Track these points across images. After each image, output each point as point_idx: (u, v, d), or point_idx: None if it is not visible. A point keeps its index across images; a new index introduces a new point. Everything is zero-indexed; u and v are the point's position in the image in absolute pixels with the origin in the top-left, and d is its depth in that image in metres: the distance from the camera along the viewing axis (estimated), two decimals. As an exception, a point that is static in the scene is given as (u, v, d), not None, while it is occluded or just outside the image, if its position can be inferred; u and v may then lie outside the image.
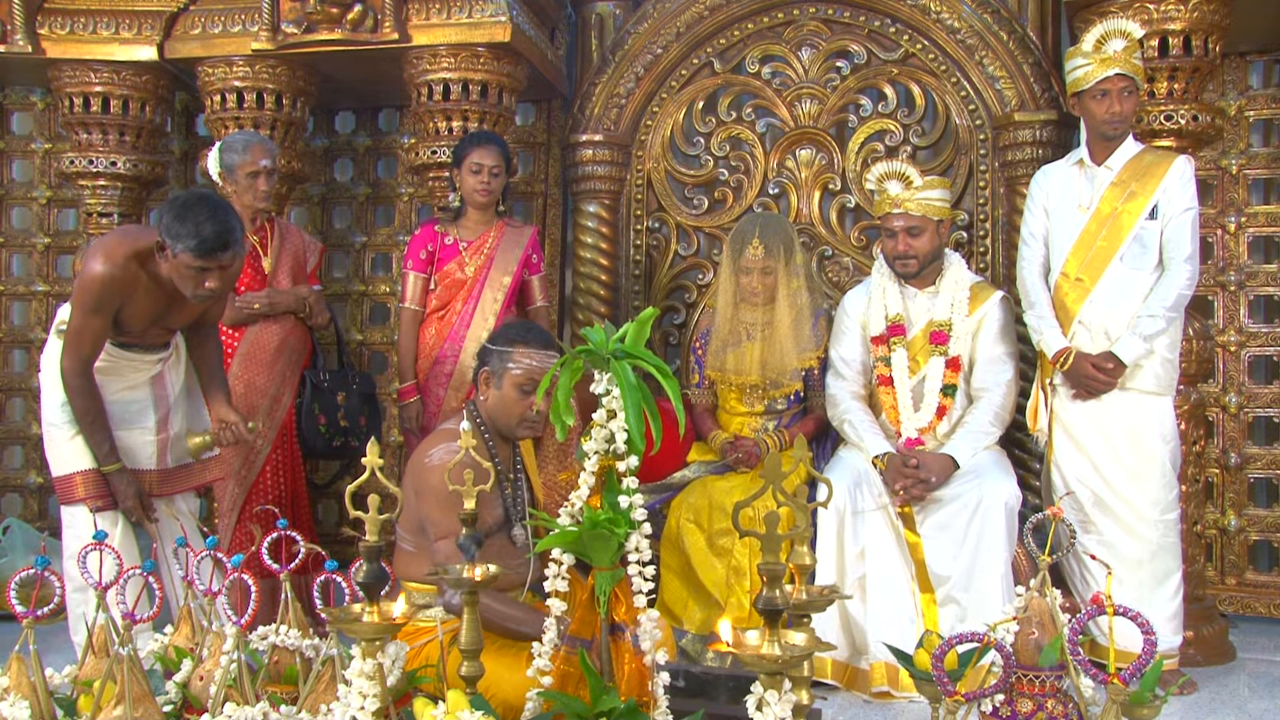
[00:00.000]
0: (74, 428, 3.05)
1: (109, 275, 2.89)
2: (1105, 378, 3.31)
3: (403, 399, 3.91)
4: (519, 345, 2.76)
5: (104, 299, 2.91)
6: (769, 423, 3.77)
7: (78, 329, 2.95)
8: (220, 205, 2.86)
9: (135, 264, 2.92)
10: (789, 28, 4.47)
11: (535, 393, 2.61)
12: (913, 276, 3.59)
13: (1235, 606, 4.12)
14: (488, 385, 2.78)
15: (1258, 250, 4.30)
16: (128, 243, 2.94)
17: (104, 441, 3.03)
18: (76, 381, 2.98)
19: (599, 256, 4.54)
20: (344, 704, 1.88)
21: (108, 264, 2.88)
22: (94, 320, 2.93)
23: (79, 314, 2.94)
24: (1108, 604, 1.83)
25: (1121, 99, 3.34)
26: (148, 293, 2.98)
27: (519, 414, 2.74)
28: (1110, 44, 3.34)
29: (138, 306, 2.99)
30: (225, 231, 2.80)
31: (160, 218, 2.86)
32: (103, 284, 2.89)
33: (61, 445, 3.08)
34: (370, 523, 1.93)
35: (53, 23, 4.30)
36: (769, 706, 1.68)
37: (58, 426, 3.08)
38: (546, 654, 2.06)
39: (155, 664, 2.28)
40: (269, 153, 3.80)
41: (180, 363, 3.27)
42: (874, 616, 3.30)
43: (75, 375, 2.97)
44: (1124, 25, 3.36)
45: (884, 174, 3.58)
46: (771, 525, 1.74)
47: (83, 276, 2.92)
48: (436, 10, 4.05)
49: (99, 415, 3.03)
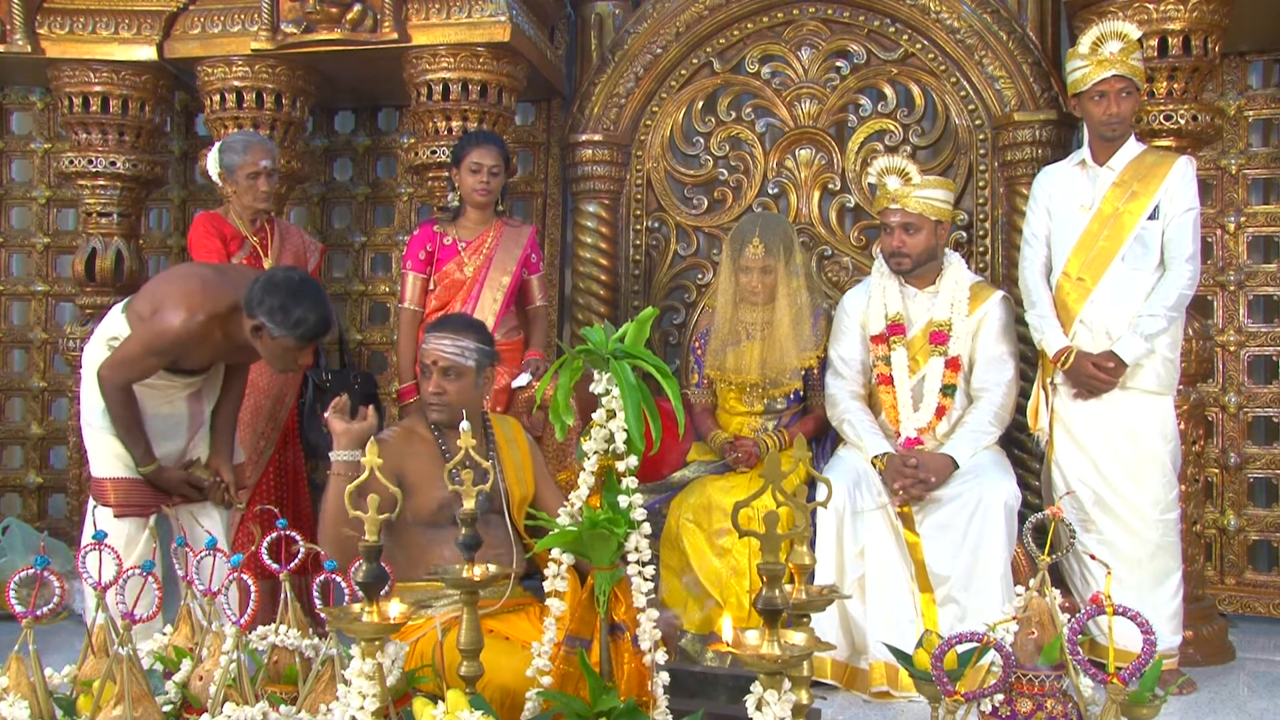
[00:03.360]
0: (110, 433, 3.07)
1: (185, 330, 2.90)
2: (1106, 377, 3.31)
3: (402, 399, 3.91)
4: (430, 332, 2.90)
5: (172, 348, 2.94)
6: (768, 422, 3.77)
7: (132, 359, 2.95)
8: (319, 290, 2.94)
9: (213, 323, 2.94)
10: (789, 28, 4.47)
11: (434, 373, 2.81)
12: (907, 274, 3.59)
13: (1235, 606, 4.12)
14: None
15: (1257, 250, 4.30)
16: (210, 301, 2.93)
17: (139, 443, 3.04)
18: (117, 394, 2.98)
19: (598, 256, 4.54)
20: (343, 704, 1.88)
21: (189, 319, 2.89)
22: (152, 360, 2.96)
23: (139, 349, 2.94)
24: (1107, 604, 1.83)
25: (1119, 100, 3.33)
26: (216, 346, 3.01)
27: (425, 393, 2.88)
28: (1106, 46, 3.34)
29: (202, 354, 3.03)
30: (327, 318, 2.91)
31: (259, 297, 2.86)
32: (176, 336, 2.91)
33: (97, 447, 3.11)
34: (370, 523, 1.93)
35: (52, 22, 4.30)
36: (769, 706, 1.68)
37: (94, 429, 3.11)
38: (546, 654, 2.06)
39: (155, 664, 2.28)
40: (269, 153, 3.80)
41: (218, 382, 3.27)
42: (873, 616, 3.30)
43: (116, 389, 2.98)
44: (1120, 27, 3.36)
45: (884, 169, 3.58)
46: (771, 525, 1.74)
47: (159, 322, 2.90)
48: (436, 10, 4.05)
49: (135, 421, 3.03)
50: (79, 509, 4.38)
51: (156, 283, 3.11)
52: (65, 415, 4.78)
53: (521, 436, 3.02)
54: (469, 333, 2.88)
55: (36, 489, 4.97)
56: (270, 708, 2.05)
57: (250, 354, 3.08)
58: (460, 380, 2.82)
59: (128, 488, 3.08)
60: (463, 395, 2.83)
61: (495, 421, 3.00)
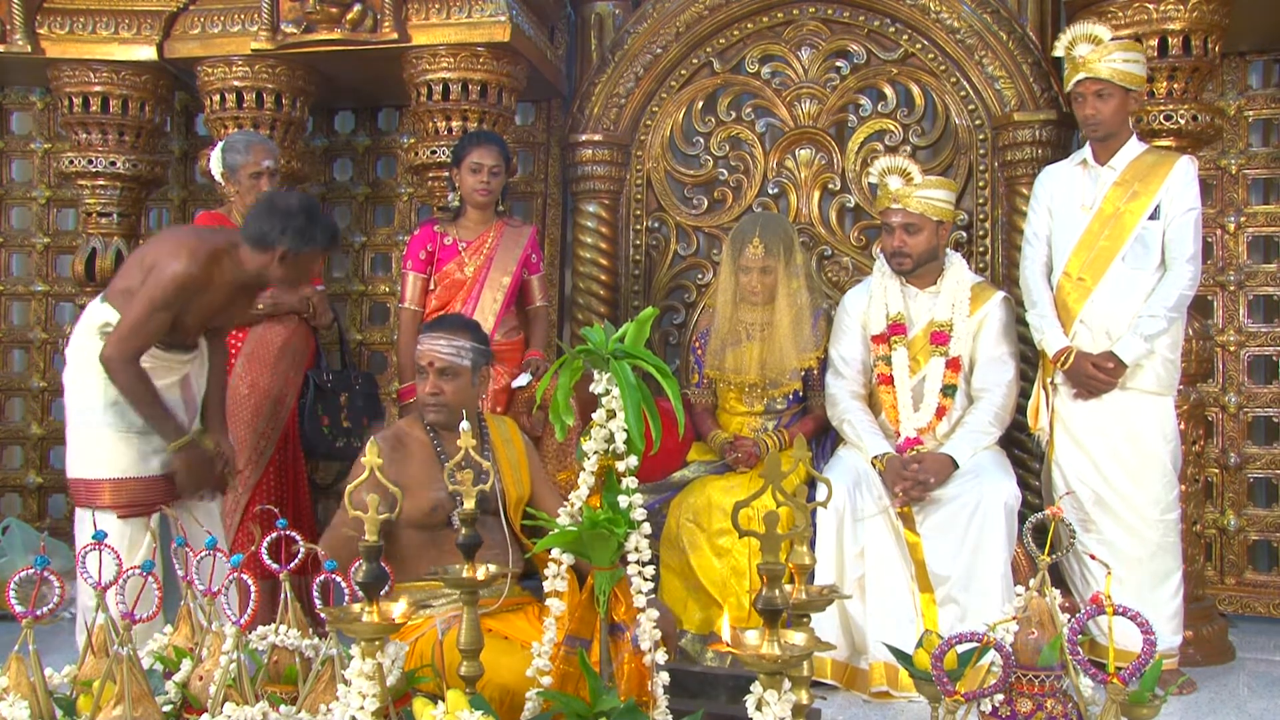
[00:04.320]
0: (114, 430, 3.03)
1: (190, 274, 2.94)
2: (1105, 377, 3.31)
3: (402, 399, 3.91)
4: (424, 333, 2.91)
5: (179, 297, 2.96)
6: (768, 422, 3.77)
7: (140, 322, 2.96)
8: (313, 199, 3.21)
9: (213, 264, 2.99)
10: (789, 28, 4.47)
11: (430, 374, 2.82)
12: (907, 274, 3.59)
13: (1235, 606, 4.12)
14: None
15: (1257, 250, 4.30)
16: (206, 244, 3.01)
17: (166, 419, 3.05)
18: (129, 370, 2.97)
19: (599, 256, 4.54)
20: (343, 704, 1.88)
21: (191, 263, 2.94)
22: (161, 316, 2.97)
23: (146, 309, 2.95)
24: (1107, 604, 1.83)
25: (1095, 102, 3.32)
26: (214, 294, 3.04)
27: (421, 395, 2.88)
28: (1077, 49, 3.34)
29: (202, 305, 3.05)
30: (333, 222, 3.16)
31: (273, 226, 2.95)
32: (182, 283, 2.94)
33: (95, 446, 3.06)
34: (370, 523, 1.93)
35: (52, 22, 4.30)
36: (769, 706, 1.68)
37: (93, 426, 3.05)
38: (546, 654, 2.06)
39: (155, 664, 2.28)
40: (271, 153, 3.80)
41: (204, 367, 3.27)
42: (873, 616, 3.30)
43: (126, 363, 2.97)
44: (1090, 29, 3.35)
45: (886, 168, 3.58)
46: (771, 525, 1.74)
47: (160, 273, 2.94)
48: (436, 10, 4.05)
49: (154, 395, 3.02)
50: (79, 509, 4.38)
51: (136, 257, 3.13)
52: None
53: (518, 437, 3.01)
54: (463, 332, 2.88)
55: (36, 489, 4.97)
56: (270, 708, 2.05)
57: (247, 298, 3.18)
58: (457, 380, 2.83)
59: (132, 487, 3.04)
60: (460, 395, 2.84)
61: (491, 422, 3.00)
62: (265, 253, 2.97)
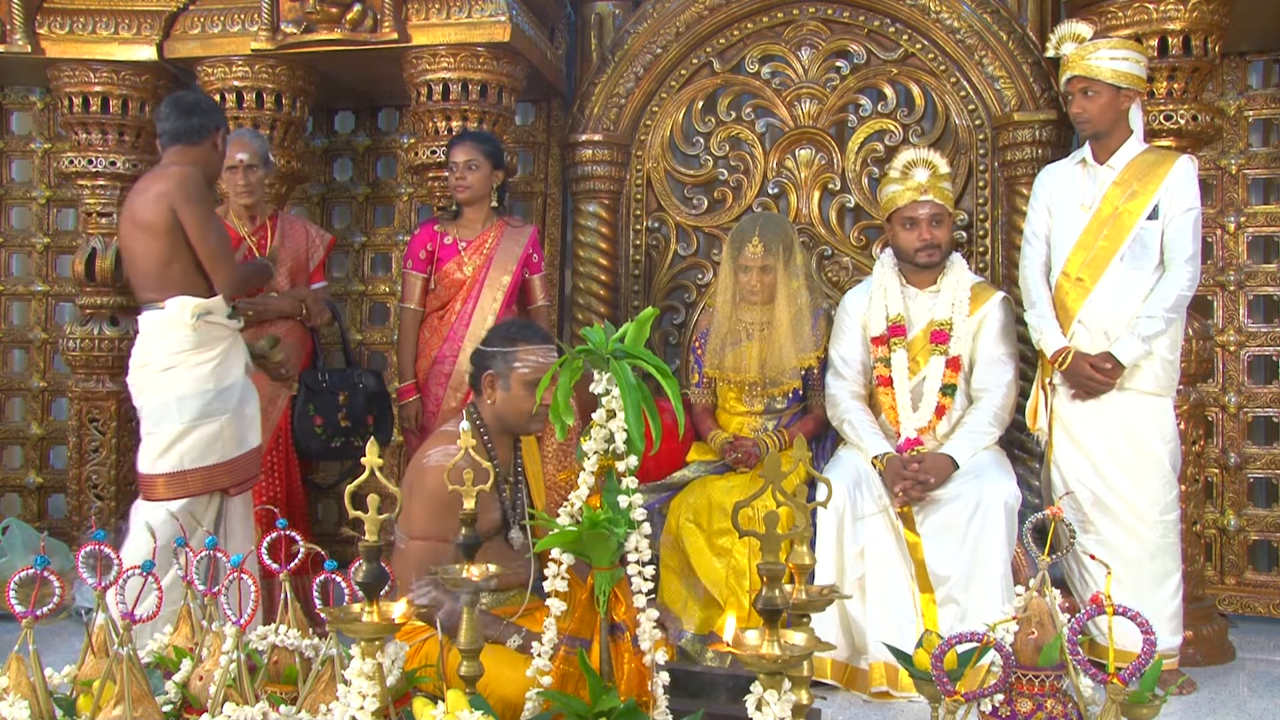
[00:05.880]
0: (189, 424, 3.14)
1: (192, 176, 3.18)
2: (1103, 378, 3.30)
3: (402, 399, 3.92)
4: (520, 344, 2.77)
5: (208, 195, 3.26)
6: (768, 422, 3.77)
7: (213, 232, 3.19)
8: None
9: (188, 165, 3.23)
10: (789, 28, 4.47)
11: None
12: (936, 266, 3.58)
13: (1235, 606, 4.12)
14: (493, 388, 2.76)
15: (1257, 250, 4.30)
16: (161, 168, 3.25)
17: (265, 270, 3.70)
18: (240, 269, 3.35)
19: (599, 256, 4.54)
20: (343, 704, 1.88)
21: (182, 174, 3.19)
22: (217, 222, 3.27)
23: (205, 218, 3.17)
24: (1107, 604, 1.83)
25: (1082, 100, 3.33)
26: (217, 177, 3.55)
27: (528, 411, 2.74)
28: (1064, 47, 3.35)
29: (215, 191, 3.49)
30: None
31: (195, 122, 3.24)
32: (197, 182, 3.19)
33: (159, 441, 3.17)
34: (369, 523, 1.93)
35: (52, 22, 4.30)
36: (769, 706, 1.68)
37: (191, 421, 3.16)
38: (547, 654, 2.06)
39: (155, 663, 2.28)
40: (246, 147, 3.81)
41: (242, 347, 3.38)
42: (873, 616, 3.30)
43: (235, 266, 3.29)
44: (1074, 28, 3.36)
45: (910, 161, 3.57)
46: (771, 525, 1.74)
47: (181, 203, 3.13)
48: (436, 10, 4.04)
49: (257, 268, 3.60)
50: (79, 509, 4.38)
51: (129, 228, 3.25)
52: (65, 415, 4.77)
53: (533, 443, 3.02)
54: (553, 342, 2.85)
55: (36, 489, 4.97)
56: (270, 708, 2.05)
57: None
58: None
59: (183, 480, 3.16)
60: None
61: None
62: (205, 139, 3.25)
